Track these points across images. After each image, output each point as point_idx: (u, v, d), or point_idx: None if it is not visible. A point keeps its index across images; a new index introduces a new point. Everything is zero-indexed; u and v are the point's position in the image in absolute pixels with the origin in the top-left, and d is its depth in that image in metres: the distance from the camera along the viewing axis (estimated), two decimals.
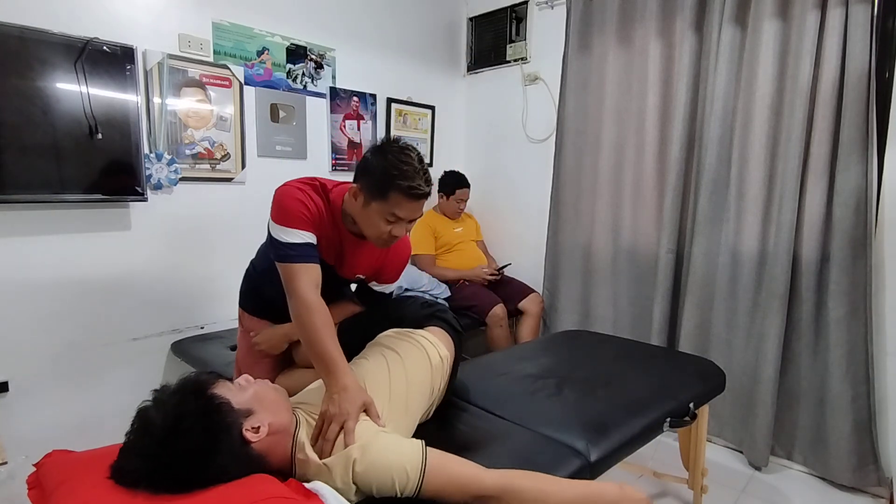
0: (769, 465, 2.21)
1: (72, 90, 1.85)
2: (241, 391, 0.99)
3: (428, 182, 1.26)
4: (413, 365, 1.29)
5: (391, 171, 1.22)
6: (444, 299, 2.76)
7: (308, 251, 1.27)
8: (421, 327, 1.43)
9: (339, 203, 1.36)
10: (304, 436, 1.03)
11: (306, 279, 1.24)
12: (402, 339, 1.37)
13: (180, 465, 0.85)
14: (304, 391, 1.25)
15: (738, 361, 2.26)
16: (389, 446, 1.00)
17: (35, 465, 1.00)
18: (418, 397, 1.27)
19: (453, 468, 1.00)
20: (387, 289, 1.54)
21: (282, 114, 2.54)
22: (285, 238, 1.26)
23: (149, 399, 0.93)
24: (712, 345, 2.34)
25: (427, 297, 2.61)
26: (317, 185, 1.37)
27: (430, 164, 3.26)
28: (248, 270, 1.65)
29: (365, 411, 1.09)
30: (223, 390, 0.96)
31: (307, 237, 1.27)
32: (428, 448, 1.01)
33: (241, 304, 1.65)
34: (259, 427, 0.95)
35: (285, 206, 1.29)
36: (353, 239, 1.39)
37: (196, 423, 0.88)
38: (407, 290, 2.66)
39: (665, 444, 2.26)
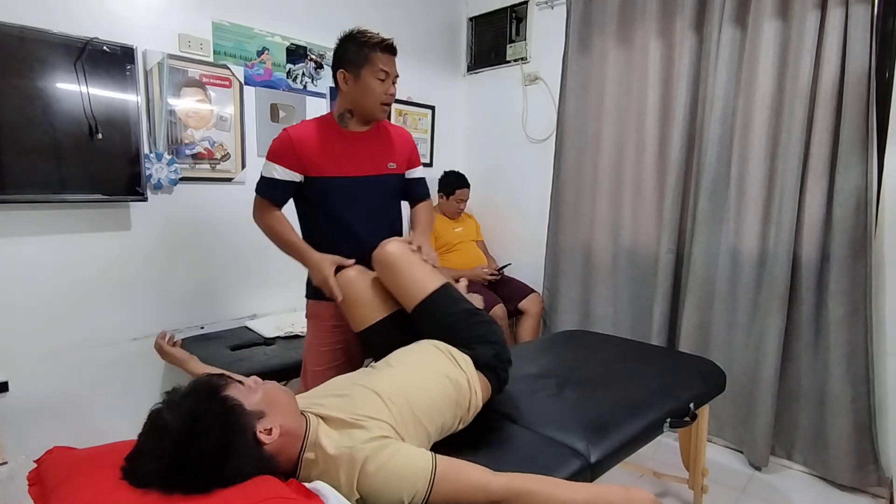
0: (769, 465, 2.21)
1: (72, 90, 1.85)
2: (252, 393, 0.98)
3: (390, 40, 1.57)
4: (436, 392, 1.22)
5: (362, 40, 1.54)
6: None
7: (270, 189, 1.59)
8: (476, 366, 1.33)
9: (332, 117, 1.64)
10: (315, 434, 1.03)
11: (263, 207, 1.62)
12: (445, 365, 1.29)
13: (197, 467, 0.85)
14: (311, 392, 1.24)
15: (738, 361, 2.26)
16: (400, 452, 0.99)
17: (36, 462, 0.99)
18: (428, 422, 1.19)
19: (462, 475, 1.00)
20: (418, 172, 1.79)
21: (282, 114, 2.54)
22: (261, 173, 1.60)
23: (160, 402, 0.93)
24: (712, 345, 2.34)
25: None
26: (307, 120, 1.67)
27: (430, 164, 3.26)
28: None
29: (338, 268, 1.49)
30: (235, 392, 0.95)
31: (279, 173, 1.56)
32: (437, 456, 1.01)
33: (306, 295, 1.74)
34: (271, 429, 0.95)
35: (271, 145, 1.60)
36: (357, 135, 1.63)
37: (212, 424, 0.88)
38: None
39: (665, 445, 2.27)
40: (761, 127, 2.16)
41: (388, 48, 1.56)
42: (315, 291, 1.66)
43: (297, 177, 1.58)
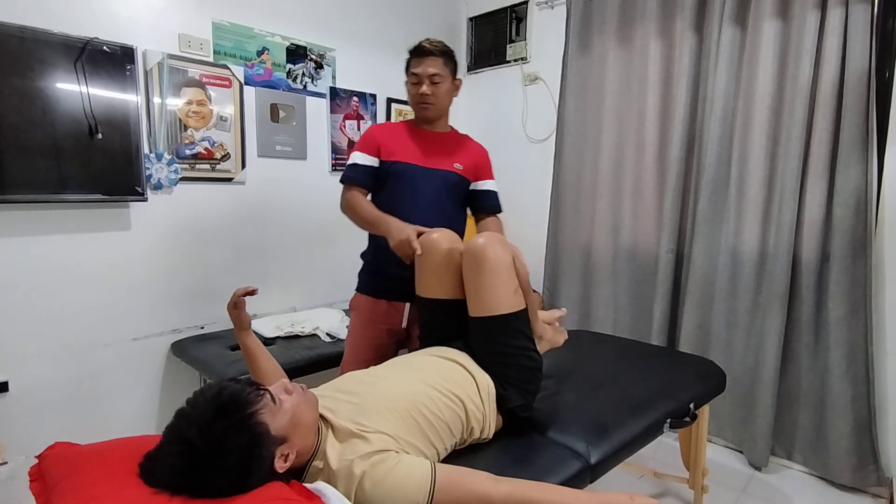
0: (769, 465, 2.21)
1: (72, 90, 1.85)
2: (280, 414, 0.95)
3: (431, 43, 1.65)
4: (447, 415, 1.19)
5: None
6: None
7: (352, 173, 1.69)
8: (498, 404, 1.31)
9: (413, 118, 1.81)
10: (324, 444, 1.03)
11: (345, 191, 1.70)
12: (468, 391, 1.25)
13: (211, 487, 0.86)
14: (329, 385, 1.24)
15: (738, 361, 2.26)
16: (399, 465, 0.98)
17: (37, 457, 0.99)
18: (435, 438, 1.18)
19: (463, 485, 0.99)
20: (488, 185, 1.85)
21: (282, 114, 2.54)
22: (349, 161, 1.72)
23: (190, 407, 0.91)
24: (712, 345, 2.34)
25: None
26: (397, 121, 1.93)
27: None
28: (364, 253, 1.82)
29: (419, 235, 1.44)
30: (265, 414, 0.93)
31: (359, 158, 1.69)
32: (437, 466, 1.01)
33: (356, 289, 1.81)
34: (288, 454, 0.95)
35: (360, 137, 1.76)
36: (429, 133, 1.76)
37: (236, 456, 0.87)
38: None
39: (665, 445, 2.27)
40: (761, 127, 2.16)
41: (416, 51, 1.67)
42: (360, 283, 1.78)
43: (374, 161, 1.69)
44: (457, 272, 1.40)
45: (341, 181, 1.71)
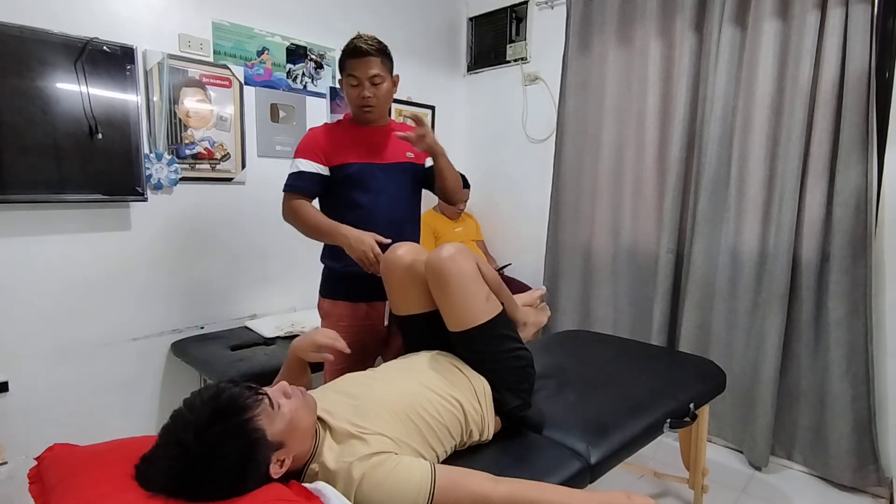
0: (769, 465, 2.21)
1: (72, 90, 1.85)
2: (277, 419, 0.95)
3: (366, 42, 1.57)
4: (446, 417, 1.18)
5: (342, 50, 1.61)
6: None
7: (298, 181, 1.63)
8: (496, 406, 1.31)
9: (349, 116, 1.74)
10: (321, 447, 1.02)
11: (289, 199, 1.64)
12: (466, 392, 1.25)
13: (205, 490, 0.85)
14: (327, 386, 1.23)
15: (738, 361, 2.26)
16: (398, 468, 0.98)
17: (36, 459, 0.99)
18: (434, 441, 1.17)
19: (462, 487, 0.99)
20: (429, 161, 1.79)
21: (282, 114, 2.54)
22: (288, 173, 1.65)
23: (187, 410, 0.90)
24: (712, 345, 2.34)
25: None
26: (333, 121, 1.77)
27: None
28: (322, 258, 1.77)
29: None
30: (263, 420, 0.92)
31: (305, 165, 1.63)
32: (436, 466, 1.00)
33: (320, 294, 1.76)
34: (284, 460, 0.95)
35: (297, 145, 1.67)
36: (372, 129, 1.70)
37: (232, 460, 0.87)
38: None
39: (665, 444, 2.27)
40: (761, 127, 2.16)
41: (352, 51, 1.58)
42: (331, 289, 1.71)
43: (322, 169, 1.63)
44: (426, 284, 1.35)
45: (284, 190, 1.64)
